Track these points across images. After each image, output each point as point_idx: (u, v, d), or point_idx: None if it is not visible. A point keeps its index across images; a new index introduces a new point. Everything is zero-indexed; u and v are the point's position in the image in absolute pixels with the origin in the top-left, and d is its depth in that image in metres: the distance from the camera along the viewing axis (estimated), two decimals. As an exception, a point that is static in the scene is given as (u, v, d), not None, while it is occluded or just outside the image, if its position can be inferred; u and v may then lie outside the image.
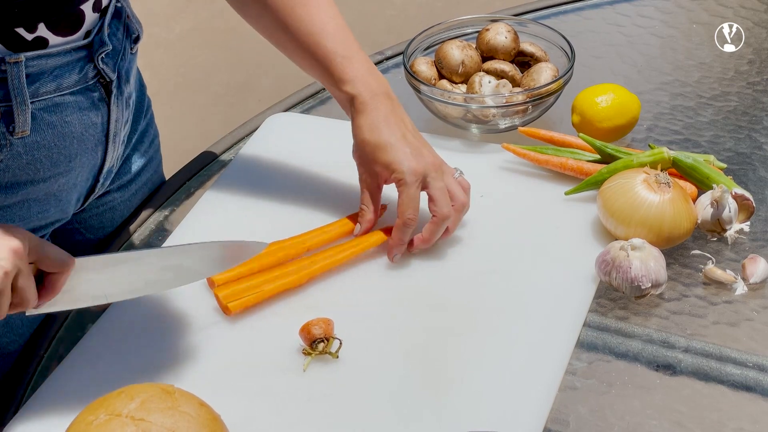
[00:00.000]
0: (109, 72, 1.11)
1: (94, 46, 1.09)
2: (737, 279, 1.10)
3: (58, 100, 1.07)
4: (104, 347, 1.07)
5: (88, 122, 1.11)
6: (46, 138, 1.07)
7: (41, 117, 1.05)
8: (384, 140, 1.11)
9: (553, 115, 1.35)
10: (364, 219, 1.14)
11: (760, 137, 1.32)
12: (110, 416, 0.86)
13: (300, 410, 0.99)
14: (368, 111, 1.12)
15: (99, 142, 1.14)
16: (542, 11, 1.60)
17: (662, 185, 1.12)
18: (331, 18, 1.15)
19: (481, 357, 1.03)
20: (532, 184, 1.25)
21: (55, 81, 1.05)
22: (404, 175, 1.10)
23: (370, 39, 3.07)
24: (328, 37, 1.13)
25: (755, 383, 1.01)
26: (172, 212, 1.28)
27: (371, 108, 1.12)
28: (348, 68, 1.13)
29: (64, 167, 1.11)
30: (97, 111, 1.12)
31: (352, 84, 1.13)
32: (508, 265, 1.13)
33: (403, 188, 1.11)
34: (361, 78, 1.13)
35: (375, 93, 1.13)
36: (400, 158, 1.10)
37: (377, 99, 1.13)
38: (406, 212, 1.11)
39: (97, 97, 1.11)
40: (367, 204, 1.14)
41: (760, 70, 1.46)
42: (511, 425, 0.96)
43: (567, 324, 1.06)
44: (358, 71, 1.13)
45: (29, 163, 1.07)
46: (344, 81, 1.13)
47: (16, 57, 1.00)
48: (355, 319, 1.07)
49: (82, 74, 1.08)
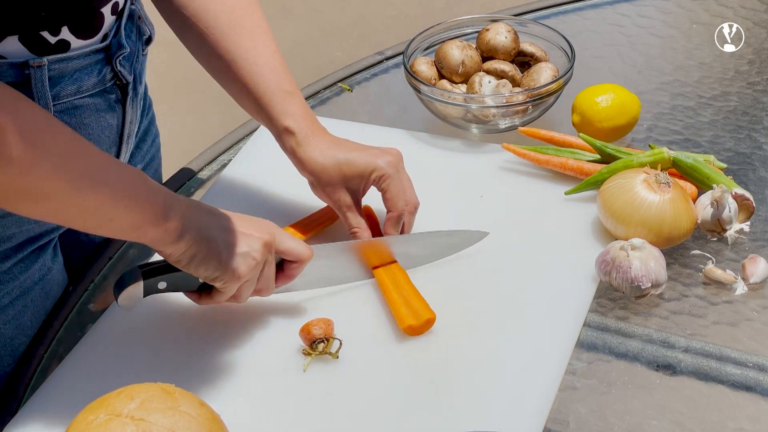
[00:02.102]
0: (126, 74, 1.12)
1: (111, 48, 1.09)
2: (737, 279, 1.10)
3: (77, 102, 1.07)
4: (104, 347, 1.07)
5: (105, 124, 1.12)
6: None
7: (61, 119, 1.06)
8: (342, 156, 1.11)
9: (553, 115, 1.35)
10: (362, 238, 1.13)
11: (760, 137, 1.32)
12: (110, 416, 0.86)
13: (300, 410, 0.99)
14: (314, 141, 1.12)
15: (113, 143, 1.15)
16: (542, 11, 1.60)
17: (662, 185, 1.12)
18: (274, 53, 1.15)
19: (481, 357, 1.03)
20: (532, 184, 1.25)
21: (75, 84, 1.06)
22: (384, 170, 1.11)
23: (370, 39, 3.07)
24: (273, 71, 1.14)
25: (755, 383, 1.01)
26: (172, 212, 1.28)
27: (316, 137, 1.13)
28: (291, 103, 1.13)
29: None
30: (113, 113, 1.13)
31: (294, 118, 1.13)
32: (508, 265, 1.13)
33: (388, 182, 1.11)
34: (302, 114, 1.13)
35: (314, 127, 1.14)
36: (370, 160, 1.11)
37: (318, 130, 1.14)
38: (399, 203, 1.11)
39: (113, 99, 1.12)
40: (357, 223, 1.13)
41: (760, 70, 1.46)
42: (511, 425, 0.96)
43: (567, 324, 1.06)
44: (300, 107, 1.14)
45: None
46: (287, 115, 1.13)
47: (39, 60, 1.01)
48: (355, 319, 1.07)
49: (100, 77, 1.09)
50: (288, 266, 1.05)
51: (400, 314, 1.05)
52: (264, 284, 1.03)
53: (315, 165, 1.12)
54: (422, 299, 1.07)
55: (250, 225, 1.01)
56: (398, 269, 1.11)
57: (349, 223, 1.13)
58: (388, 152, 1.12)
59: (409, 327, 1.04)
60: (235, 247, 0.98)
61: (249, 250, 0.99)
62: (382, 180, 1.11)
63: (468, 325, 1.06)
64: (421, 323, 1.04)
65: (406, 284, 1.09)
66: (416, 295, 1.07)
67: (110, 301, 1.12)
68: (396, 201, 1.11)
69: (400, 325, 1.05)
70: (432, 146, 1.31)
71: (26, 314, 1.12)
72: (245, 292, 1.02)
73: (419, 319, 1.04)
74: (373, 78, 1.49)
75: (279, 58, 1.15)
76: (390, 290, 1.08)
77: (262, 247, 1.00)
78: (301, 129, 1.12)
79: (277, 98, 1.13)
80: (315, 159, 1.12)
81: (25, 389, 1.06)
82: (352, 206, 1.13)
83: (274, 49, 1.15)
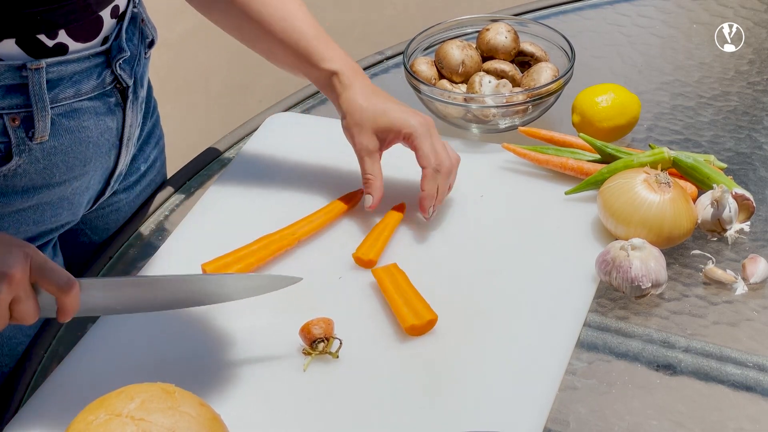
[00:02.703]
0: (126, 78, 1.12)
1: (112, 52, 1.10)
2: (737, 279, 1.10)
3: (76, 105, 1.07)
4: (104, 347, 1.07)
5: (104, 127, 1.12)
6: (63, 143, 1.07)
7: (60, 122, 1.06)
8: (381, 106, 1.15)
9: (553, 115, 1.35)
10: (374, 187, 1.15)
11: (761, 137, 1.32)
12: (110, 416, 0.86)
13: (300, 410, 0.99)
14: (356, 83, 1.16)
15: (113, 146, 1.15)
16: (542, 11, 1.60)
17: (662, 185, 1.12)
18: (300, 5, 1.19)
19: (481, 357, 1.03)
20: (532, 184, 1.25)
21: (74, 87, 1.06)
22: (415, 128, 1.14)
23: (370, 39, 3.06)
24: (302, 21, 1.18)
25: (755, 383, 1.01)
26: (172, 212, 1.28)
27: (358, 80, 1.17)
28: (327, 47, 1.18)
29: (79, 171, 1.11)
30: (113, 116, 1.13)
31: (334, 61, 1.17)
32: (508, 265, 1.13)
33: (419, 140, 1.14)
34: (340, 57, 1.18)
35: (356, 70, 1.18)
36: (405, 117, 1.15)
37: (360, 74, 1.18)
38: (433, 160, 1.14)
39: (113, 102, 1.12)
40: (373, 172, 1.16)
41: (760, 70, 1.46)
42: (511, 425, 0.96)
43: (567, 324, 1.06)
44: (336, 51, 1.18)
45: (46, 167, 1.07)
46: (326, 59, 1.17)
47: (37, 63, 1.01)
48: (355, 319, 1.07)
49: (100, 80, 1.09)
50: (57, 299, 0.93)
51: (402, 314, 1.05)
52: (20, 318, 0.92)
53: (353, 103, 1.16)
54: (423, 300, 1.07)
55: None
56: (397, 270, 1.11)
57: (365, 168, 1.16)
58: (421, 115, 1.16)
59: (412, 327, 1.04)
60: None
61: None
62: (413, 138, 1.14)
63: (467, 325, 1.06)
64: (423, 323, 1.04)
65: (406, 285, 1.09)
66: (416, 295, 1.07)
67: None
68: (429, 156, 1.14)
69: (403, 324, 1.05)
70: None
71: None
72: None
73: (421, 319, 1.04)
74: (373, 78, 1.49)
75: (305, 10, 1.19)
76: (390, 291, 1.08)
77: (3, 285, 0.88)
78: (345, 71, 1.17)
79: (315, 44, 1.17)
80: (356, 100, 1.16)
81: (25, 389, 1.06)
82: (373, 153, 1.16)
83: (299, 2, 1.19)
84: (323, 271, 1.14)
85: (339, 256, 1.15)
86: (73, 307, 0.93)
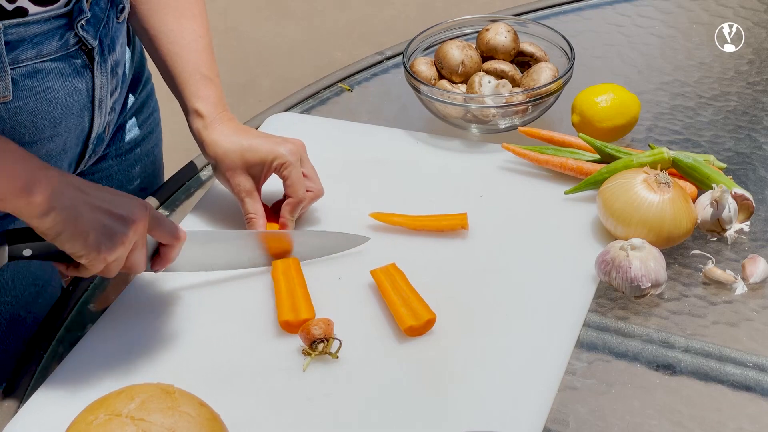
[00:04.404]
0: (89, 39, 1.12)
1: (73, 14, 1.09)
2: (737, 279, 1.10)
3: (39, 66, 1.07)
4: (104, 347, 1.07)
5: (72, 88, 1.11)
6: (29, 103, 1.07)
7: (23, 83, 1.06)
8: (246, 143, 1.16)
9: (553, 115, 1.35)
10: (258, 225, 1.16)
11: (760, 137, 1.32)
12: (110, 416, 0.86)
13: (300, 410, 0.99)
14: (219, 126, 1.17)
15: (85, 108, 1.14)
16: (542, 11, 1.60)
17: (662, 185, 1.12)
18: (199, 37, 1.19)
19: (481, 357, 1.03)
20: (532, 184, 1.25)
21: (35, 48, 1.06)
22: (286, 158, 1.14)
23: (370, 39, 3.07)
24: (193, 53, 1.19)
25: (755, 383, 1.01)
26: (172, 212, 1.28)
27: (222, 122, 1.17)
28: (204, 87, 1.18)
29: (50, 132, 1.11)
30: (80, 77, 1.12)
31: (202, 101, 1.17)
32: (508, 265, 1.13)
33: (289, 170, 1.15)
34: (214, 100, 1.18)
35: (223, 114, 1.18)
36: (273, 148, 1.15)
37: (226, 117, 1.18)
38: (300, 190, 1.15)
39: (80, 63, 1.12)
40: (255, 211, 1.17)
41: (760, 70, 1.46)
42: (511, 425, 0.96)
43: (567, 324, 1.06)
44: (213, 93, 1.18)
45: (13, 127, 1.07)
46: (195, 96, 1.18)
47: None
48: (355, 319, 1.08)
49: (62, 41, 1.08)
50: (162, 248, 1.04)
51: (400, 315, 1.05)
52: (133, 264, 1.01)
53: (218, 149, 1.16)
54: (422, 300, 1.07)
55: (123, 204, 0.98)
56: (395, 270, 1.11)
57: (246, 208, 1.17)
58: (291, 141, 1.16)
59: (410, 328, 1.04)
60: (104, 227, 0.96)
61: (117, 232, 0.97)
62: (284, 167, 1.14)
63: (467, 325, 1.06)
64: (421, 324, 1.04)
65: (405, 285, 1.09)
66: (415, 295, 1.07)
67: (111, 301, 1.12)
68: (296, 188, 1.15)
69: (401, 326, 1.05)
70: (432, 146, 1.31)
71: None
72: (113, 269, 1.00)
73: (420, 320, 1.04)
74: (373, 78, 1.49)
75: (204, 43, 1.20)
76: (389, 291, 1.08)
77: (131, 230, 0.97)
78: (210, 113, 1.17)
79: (192, 80, 1.18)
80: (218, 143, 1.16)
81: (25, 389, 1.06)
82: (251, 192, 1.16)
83: (200, 33, 1.20)
84: (323, 272, 1.14)
85: (339, 256, 1.15)
86: (174, 257, 1.05)
